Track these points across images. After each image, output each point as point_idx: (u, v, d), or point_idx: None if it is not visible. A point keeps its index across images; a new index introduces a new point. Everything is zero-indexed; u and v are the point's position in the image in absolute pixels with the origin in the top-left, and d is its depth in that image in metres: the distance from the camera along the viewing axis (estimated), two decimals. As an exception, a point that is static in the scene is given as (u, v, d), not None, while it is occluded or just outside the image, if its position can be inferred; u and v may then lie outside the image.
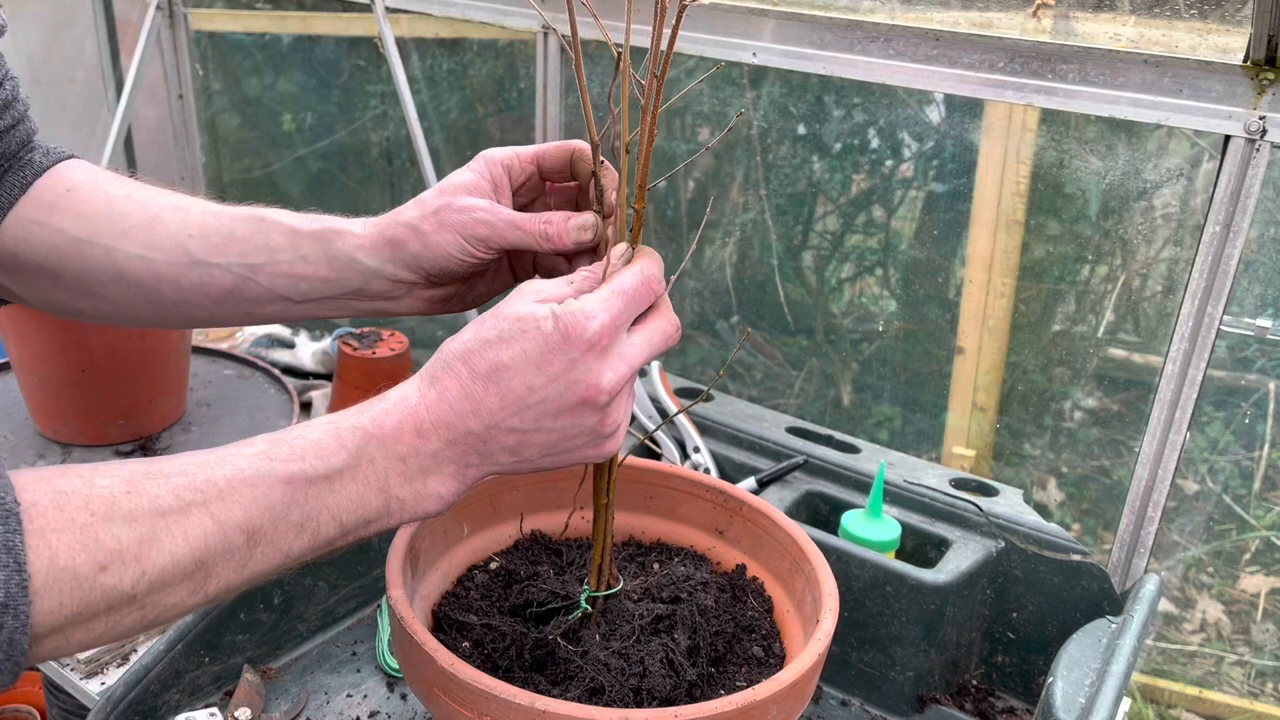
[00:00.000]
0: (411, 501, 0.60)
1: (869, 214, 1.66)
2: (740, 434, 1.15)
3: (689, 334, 1.76)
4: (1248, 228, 0.90)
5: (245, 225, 0.75)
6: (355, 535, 0.59)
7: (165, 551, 0.51)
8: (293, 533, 0.56)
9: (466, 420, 0.59)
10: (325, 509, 0.57)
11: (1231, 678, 1.59)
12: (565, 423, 0.60)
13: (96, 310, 0.77)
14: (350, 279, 0.74)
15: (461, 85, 1.84)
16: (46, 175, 0.76)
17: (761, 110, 1.57)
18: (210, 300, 0.75)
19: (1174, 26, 0.95)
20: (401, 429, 0.59)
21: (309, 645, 1.00)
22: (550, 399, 0.59)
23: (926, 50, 1.04)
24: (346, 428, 0.58)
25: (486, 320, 0.61)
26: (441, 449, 0.59)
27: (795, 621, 0.79)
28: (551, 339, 0.59)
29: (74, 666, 1.00)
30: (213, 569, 0.53)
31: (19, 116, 0.76)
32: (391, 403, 0.60)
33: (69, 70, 2.01)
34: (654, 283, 0.62)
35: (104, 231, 0.74)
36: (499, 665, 0.72)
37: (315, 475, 0.56)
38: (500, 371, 0.59)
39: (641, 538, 0.90)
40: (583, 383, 0.59)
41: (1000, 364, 1.47)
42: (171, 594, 0.52)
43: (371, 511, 0.58)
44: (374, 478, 0.58)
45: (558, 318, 0.59)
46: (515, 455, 0.61)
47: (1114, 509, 1.41)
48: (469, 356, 0.60)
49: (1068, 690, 0.82)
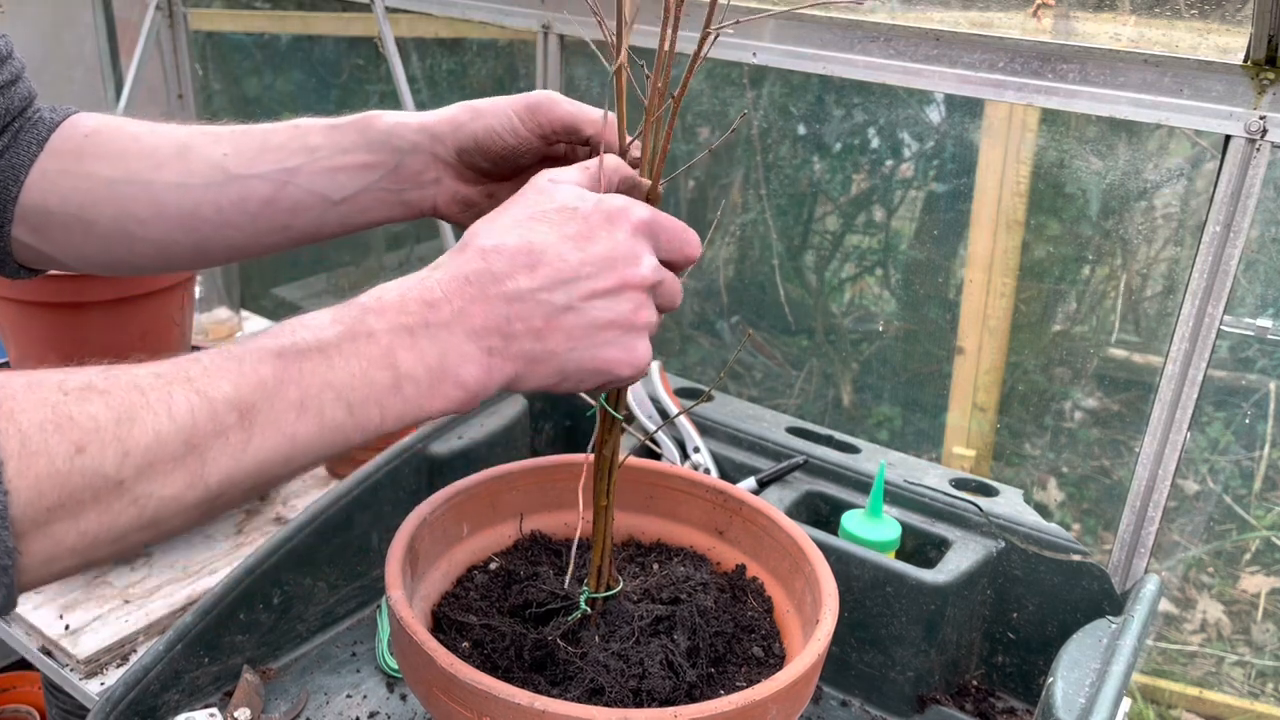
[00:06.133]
0: (428, 382, 0.54)
1: (869, 214, 1.66)
2: (740, 434, 1.15)
3: (689, 334, 1.76)
4: (1248, 228, 0.90)
5: (281, 134, 0.74)
6: (371, 422, 0.53)
7: (148, 429, 0.47)
8: (293, 412, 0.51)
9: (487, 288, 0.55)
10: (327, 386, 0.52)
11: (1232, 678, 1.59)
12: (600, 304, 0.57)
13: (133, 254, 0.75)
14: (387, 159, 0.73)
15: (461, 85, 1.84)
16: (61, 127, 0.76)
17: (761, 110, 1.57)
18: (248, 216, 0.73)
19: (1174, 26, 0.95)
20: (405, 299, 0.54)
21: (309, 646, 1.00)
22: (585, 277, 0.56)
23: (926, 50, 1.04)
24: (342, 307, 0.54)
25: (515, 201, 0.58)
26: (455, 319, 0.55)
27: (795, 622, 0.79)
28: (593, 218, 0.57)
29: (74, 667, 1.00)
30: (207, 452, 0.48)
31: (17, 73, 0.75)
32: (394, 283, 0.56)
33: (69, 70, 2.01)
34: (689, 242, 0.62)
35: (138, 167, 0.73)
36: (499, 666, 0.72)
37: (307, 347, 0.52)
38: (533, 245, 0.56)
39: (641, 538, 0.90)
40: (624, 263, 0.57)
41: (1000, 364, 1.47)
42: (165, 483, 0.47)
43: (380, 391, 0.53)
44: (377, 352, 0.53)
45: (601, 199, 0.57)
46: (540, 341, 0.56)
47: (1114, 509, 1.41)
48: (498, 233, 0.57)
49: (1068, 690, 0.82)
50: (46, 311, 1.16)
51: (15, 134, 0.75)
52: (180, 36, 1.96)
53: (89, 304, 1.15)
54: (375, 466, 1.02)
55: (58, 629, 1.03)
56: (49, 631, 1.02)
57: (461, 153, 0.73)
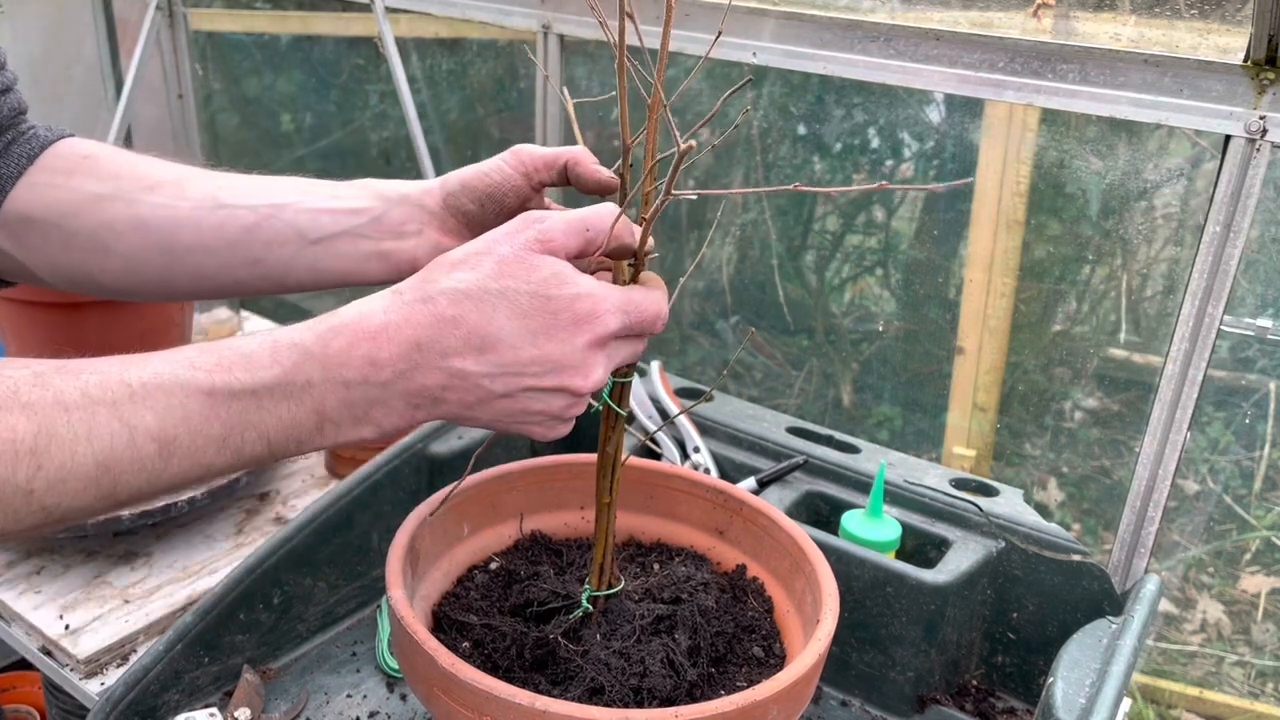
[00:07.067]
0: (348, 427, 0.56)
1: (869, 214, 1.66)
2: (740, 434, 1.15)
3: (689, 334, 1.76)
4: (1248, 228, 0.90)
5: (282, 178, 0.76)
6: (285, 454, 0.56)
7: (65, 449, 0.48)
8: (213, 447, 0.53)
9: (434, 360, 0.56)
10: (251, 426, 0.53)
11: (1232, 678, 1.59)
12: (535, 396, 0.58)
13: (104, 270, 0.75)
14: (373, 206, 0.74)
15: (461, 85, 1.84)
16: (55, 146, 0.76)
17: (761, 110, 1.57)
18: (225, 243, 0.73)
19: (1174, 26, 0.95)
20: (350, 353, 0.55)
21: (309, 645, 1.00)
22: (530, 375, 0.57)
23: (926, 50, 1.04)
24: (285, 343, 0.55)
25: (495, 253, 0.57)
26: (394, 381, 0.56)
27: (795, 622, 0.79)
28: (560, 317, 0.57)
29: (74, 667, 1.00)
30: (120, 476, 0.50)
31: (8, 84, 0.75)
32: (346, 319, 0.56)
33: (68, 70, 2.01)
34: (659, 320, 0.61)
35: (128, 186, 0.74)
36: (499, 665, 0.72)
37: (241, 390, 0.53)
38: (489, 329, 0.56)
39: (642, 538, 0.90)
40: (571, 372, 0.57)
41: (1000, 364, 1.47)
42: (76, 497, 0.49)
43: (303, 433, 0.55)
44: (309, 400, 0.55)
45: (578, 294, 0.57)
46: (469, 410, 0.58)
47: (1114, 509, 1.41)
48: (463, 299, 0.56)
49: (1068, 690, 0.82)
50: (45, 311, 1.16)
51: (6, 145, 0.75)
52: (180, 36, 1.96)
53: (88, 304, 1.15)
54: (375, 466, 1.02)
55: (58, 629, 1.03)
56: (49, 631, 1.02)
57: (448, 197, 0.74)
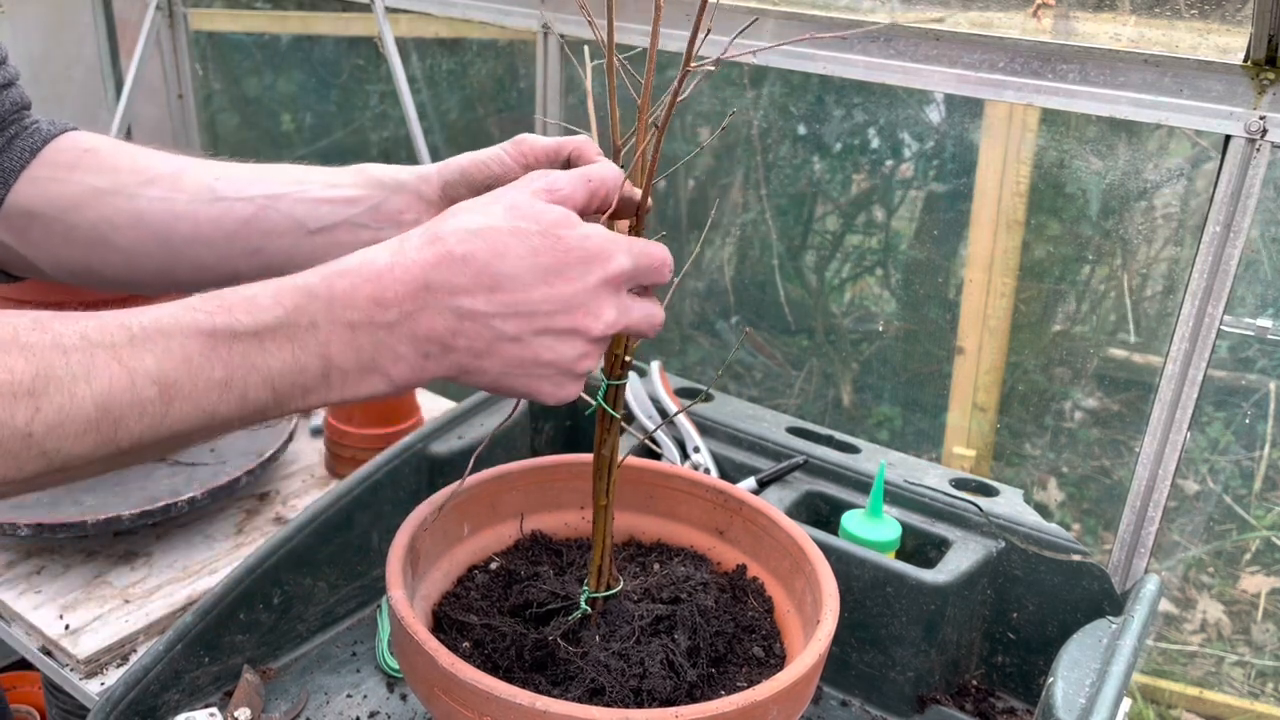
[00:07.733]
0: (355, 376, 0.55)
1: (869, 214, 1.66)
2: (740, 434, 1.15)
3: (689, 334, 1.76)
4: (1248, 228, 0.90)
5: (278, 168, 0.76)
6: (293, 405, 0.55)
7: (64, 390, 0.47)
8: (216, 391, 0.52)
9: (443, 298, 0.55)
10: (254, 370, 0.52)
11: (1232, 678, 1.59)
12: (547, 341, 0.57)
13: (105, 264, 0.75)
14: (371, 195, 0.73)
15: (461, 85, 1.84)
16: (57, 140, 0.76)
17: (761, 110, 1.57)
18: (224, 235, 0.73)
19: (1174, 26, 0.95)
20: (355, 294, 0.54)
21: (309, 645, 1.00)
22: (543, 313, 0.56)
23: (926, 50, 1.04)
24: (289, 286, 0.54)
25: (506, 198, 0.57)
26: (401, 322, 0.54)
27: (796, 622, 0.79)
28: (571, 254, 0.56)
29: (74, 667, 1.00)
30: (121, 420, 0.49)
31: (9, 78, 0.76)
32: (353, 263, 0.55)
33: (68, 70, 2.01)
34: (666, 266, 0.61)
35: (128, 181, 0.74)
36: (499, 665, 0.72)
37: (242, 330, 0.52)
38: (502, 265, 0.55)
39: (641, 538, 0.90)
40: (584, 311, 0.57)
41: (1000, 364, 1.47)
42: (75, 442, 0.48)
43: (309, 379, 0.54)
44: (313, 343, 0.53)
45: (587, 234, 0.56)
46: (477, 360, 0.56)
47: (1114, 509, 1.41)
48: (474, 238, 0.55)
49: (1068, 690, 0.82)
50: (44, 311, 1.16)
51: (9, 140, 0.75)
52: (180, 36, 1.96)
53: (87, 304, 1.15)
54: (375, 466, 1.02)
55: (58, 629, 1.03)
56: (49, 631, 1.02)
57: (447, 186, 0.74)
